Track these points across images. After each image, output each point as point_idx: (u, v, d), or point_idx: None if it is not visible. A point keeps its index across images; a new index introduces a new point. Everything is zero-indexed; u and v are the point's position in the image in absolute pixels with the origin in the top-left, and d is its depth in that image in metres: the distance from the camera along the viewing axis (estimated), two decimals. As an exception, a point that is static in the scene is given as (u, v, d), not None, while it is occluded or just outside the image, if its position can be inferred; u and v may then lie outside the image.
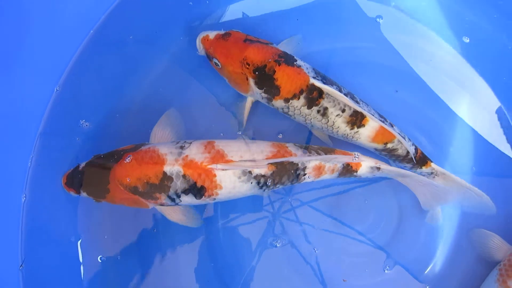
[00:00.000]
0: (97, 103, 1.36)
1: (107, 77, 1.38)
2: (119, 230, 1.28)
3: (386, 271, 1.29)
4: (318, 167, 1.08)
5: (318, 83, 1.12)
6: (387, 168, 1.11)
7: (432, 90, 1.40)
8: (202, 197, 1.05)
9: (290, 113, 1.20)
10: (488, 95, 1.40)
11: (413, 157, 1.20)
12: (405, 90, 1.40)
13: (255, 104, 1.31)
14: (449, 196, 1.17)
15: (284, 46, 1.29)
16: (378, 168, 1.11)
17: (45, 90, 1.32)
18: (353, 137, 1.20)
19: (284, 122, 1.32)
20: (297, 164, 1.07)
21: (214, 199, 1.07)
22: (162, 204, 1.09)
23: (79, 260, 1.25)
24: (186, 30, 1.42)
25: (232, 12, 1.45)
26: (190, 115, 1.33)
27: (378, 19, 1.44)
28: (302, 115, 1.18)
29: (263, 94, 1.18)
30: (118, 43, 1.39)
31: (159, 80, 1.39)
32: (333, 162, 1.08)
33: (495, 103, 1.39)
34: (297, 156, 1.06)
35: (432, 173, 1.24)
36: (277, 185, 1.09)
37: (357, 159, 1.10)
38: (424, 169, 1.24)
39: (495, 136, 1.37)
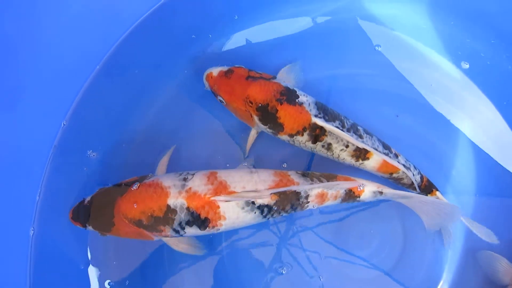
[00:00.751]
0: (104, 135, 1.39)
1: (113, 109, 1.42)
2: (127, 256, 1.30)
3: None
4: (321, 194, 1.10)
5: (320, 122, 1.15)
6: (390, 192, 1.12)
7: (433, 114, 1.42)
8: (206, 228, 1.07)
9: (296, 145, 1.22)
10: (489, 118, 1.41)
11: (417, 187, 1.21)
12: (406, 115, 1.42)
13: (260, 133, 1.33)
14: (453, 214, 1.17)
15: (285, 75, 1.32)
16: (381, 193, 1.12)
17: (52, 124, 1.36)
18: (359, 167, 1.22)
19: (287, 149, 1.34)
20: (300, 193, 1.08)
21: (218, 229, 1.08)
22: (166, 236, 1.10)
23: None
24: (190, 62, 1.46)
25: (234, 42, 1.48)
26: (194, 144, 1.36)
27: (377, 47, 1.46)
28: (308, 147, 1.21)
29: (268, 130, 1.21)
30: (124, 77, 1.43)
31: (164, 110, 1.43)
32: (336, 189, 1.09)
33: (496, 126, 1.40)
34: (299, 184, 1.07)
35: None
36: (281, 213, 1.10)
37: (362, 186, 1.11)
38: (430, 198, 1.24)
39: (497, 158, 1.38)
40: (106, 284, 1.27)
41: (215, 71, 1.25)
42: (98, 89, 1.41)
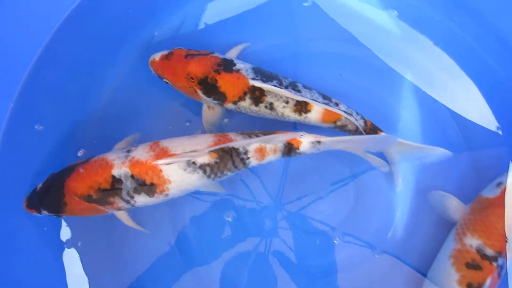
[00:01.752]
0: (56, 114, 1.39)
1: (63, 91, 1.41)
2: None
3: (349, 244, 1.34)
4: (259, 149, 1.14)
5: (258, 83, 1.20)
6: (327, 140, 1.16)
7: (376, 69, 1.47)
8: (155, 195, 1.11)
9: (243, 111, 1.27)
10: (429, 68, 1.47)
11: (362, 131, 1.25)
12: (350, 72, 1.47)
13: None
14: (390, 142, 1.22)
15: (234, 53, 1.38)
16: (319, 142, 1.16)
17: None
18: (304, 121, 1.26)
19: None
20: (238, 149, 1.12)
21: (167, 195, 1.12)
22: (119, 209, 1.14)
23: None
24: (140, 45, 1.48)
25: (180, 26, 1.51)
26: (151, 124, 1.41)
27: (316, 9, 1.50)
28: (254, 112, 1.26)
29: (213, 101, 1.26)
30: (70, 60, 1.42)
31: (117, 91, 1.44)
32: (274, 143, 1.13)
33: (437, 75, 1.46)
34: (236, 141, 1.11)
35: None
36: (224, 172, 1.14)
37: (300, 137, 1.15)
38: (363, 136, 1.29)
39: (442, 107, 1.43)
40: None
41: (157, 56, 1.31)
42: (43, 72, 1.38)
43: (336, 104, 1.26)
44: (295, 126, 1.39)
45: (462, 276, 1.14)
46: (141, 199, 1.11)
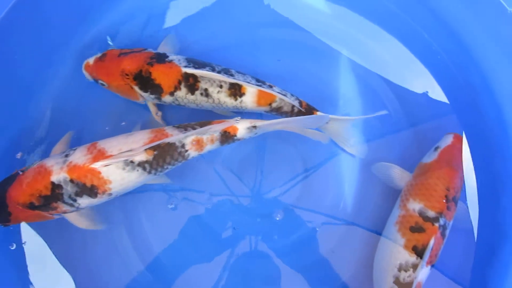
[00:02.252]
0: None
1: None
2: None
3: (306, 223, 1.37)
4: (196, 141, 1.15)
5: (190, 70, 1.22)
6: (263, 124, 1.18)
7: (313, 50, 1.50)
8: (97, 195, 1.12)
9: (181, 103, 1.29)
10: (366, 44, 1.50)
11: (298, 107, 1.28)
12: (288, 57, 1.49)
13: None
14: (323, 120, 1.26)
15: (164, 48, 1.39)
16: (255, 127, 1.18)
17: None
18: (241, 107, 1.28)
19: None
20: (175, 144, 1.14)
21: (110, 194, 1.13)
22: (65, 212, 1.15)
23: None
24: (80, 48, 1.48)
25: (110, 27, 1.52)
26: (95, 125, 1.41)
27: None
28: (191, 101, 1.27)
29: (151, 96, 1.27)
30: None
31: (55, 94, 1.43)
32: (210, 133, 1.15)
33: (373, 49, 1.50)
34: (172, 136, 1.13)
35: None
36: (164, 166, 1.16)
37: (236, 123, 1.17)
38: (296, 117, 1.31)
39: (380, 81, 1.48)
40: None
41: (91, 59, 1.32)
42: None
43: (270, 87, 1.29)
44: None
45: (407, 240, 1.17)
46: (84, 201, 1.12)
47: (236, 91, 1.25)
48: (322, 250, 1.35)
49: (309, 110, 1.30)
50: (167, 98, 1.28)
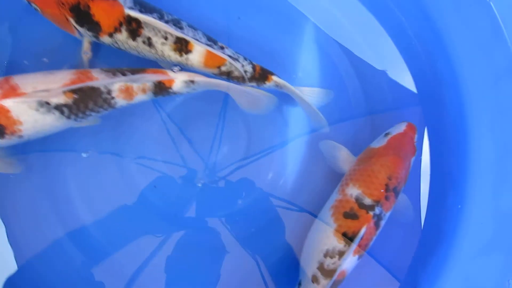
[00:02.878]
0: None
1: None
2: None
3: (245, 196, 1.30)
4: (125, 89, 1.05)
5: (134, 13, 1.09)
6: (202, 80, 1.08)
7: (275, 14, 1.38)
8: (5, 136, 1.00)
9: (122, 48, 1.16)
10: (331, 12, 1.39)
11: (244, 76, 1.18)
12: (249, 16, 1.37)
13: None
14: (268, 100, 1.18)
15: None
16: (193, 81, 1.08)
17: None
18: (187, 64, 1.17)
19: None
20: (99, 89, 1.02)
21: (21, 136, 1.02)
22: None
23: None
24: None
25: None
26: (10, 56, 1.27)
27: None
28: (132, 48, 1.15)
29: (88, 32, 1.14)
30: None
31: None
32: (142, 82, 1.04)
33: (337, 20, 1.38)
34: (98, 80, 1.02)
35: (277, 86, 1.23)
36: (87, 113, 1.05)
37: (175, 74, 1.07)
38: (268, 83, 1.22)
39: (340, 52, 1.37)
40: None
41: None
42: None
43: (221, 48, 1.18)
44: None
45: (339, 226, 1.10)
46: None
47: (182, 46, 1.14)
48: (257, 224, 1.29)
49: (263, 75, 1.20)
50: (105, 39, 1.15)
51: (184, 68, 1.20)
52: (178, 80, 1.07)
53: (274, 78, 1.21)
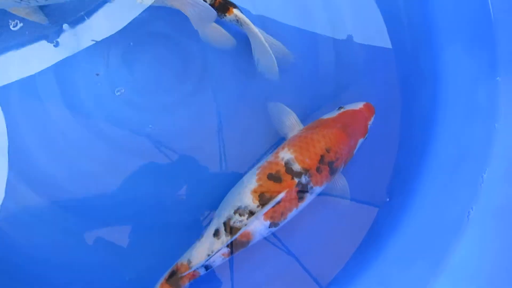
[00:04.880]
0: None
1: None
2: None
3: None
4: None
5: None
6: None
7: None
8: None
9: None
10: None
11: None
12: None
13: None
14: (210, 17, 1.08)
15: None
16: None
17: None
18: None
19: None
20: None
21: None
22: None
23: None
24: None
25: None
26: None
27: None
28: None
29: None
30: None
31: None
32: None
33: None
34: None
35: (237, 22, 1.14)
36: None
37: None
38: (228, 16, 1.14)
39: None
40: None
41: None
42: None
43: None
44: None
45: (259, 186, 1.01)
46: None
47: None
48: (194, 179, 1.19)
49: (224, 6, 1.12)
50: None
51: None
52: None
53: (235, 11, 1.12)
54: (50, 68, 1.17)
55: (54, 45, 1.17)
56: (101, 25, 1.19)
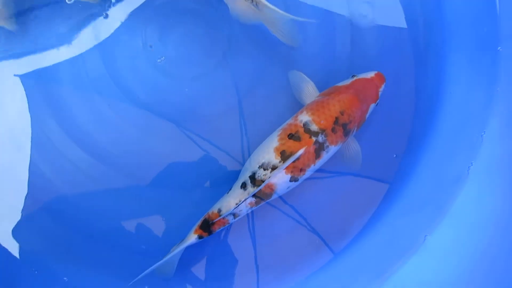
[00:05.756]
0: None
1: None
2: None
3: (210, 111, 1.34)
4: None
5: None
6: None
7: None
8: None
9: None
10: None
11: None
12: None
13: None
14: None
15: None
16: None
17: None
18: None
19: None
20: None
21: None
22: None
23: None
24: None
25: None
26: None
27: None
28: None
29: None
30: None
31: None
32: None
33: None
34: None
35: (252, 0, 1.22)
36: None
37: None
38: None
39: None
40: None
41: None
42: None
43: None
44: None
45: (280, 144, 1.14)
46: None
47: None
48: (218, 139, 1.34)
49: None
50: None
51: None
52: None
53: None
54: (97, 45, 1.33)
55: (103, 17, 1.33)
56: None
